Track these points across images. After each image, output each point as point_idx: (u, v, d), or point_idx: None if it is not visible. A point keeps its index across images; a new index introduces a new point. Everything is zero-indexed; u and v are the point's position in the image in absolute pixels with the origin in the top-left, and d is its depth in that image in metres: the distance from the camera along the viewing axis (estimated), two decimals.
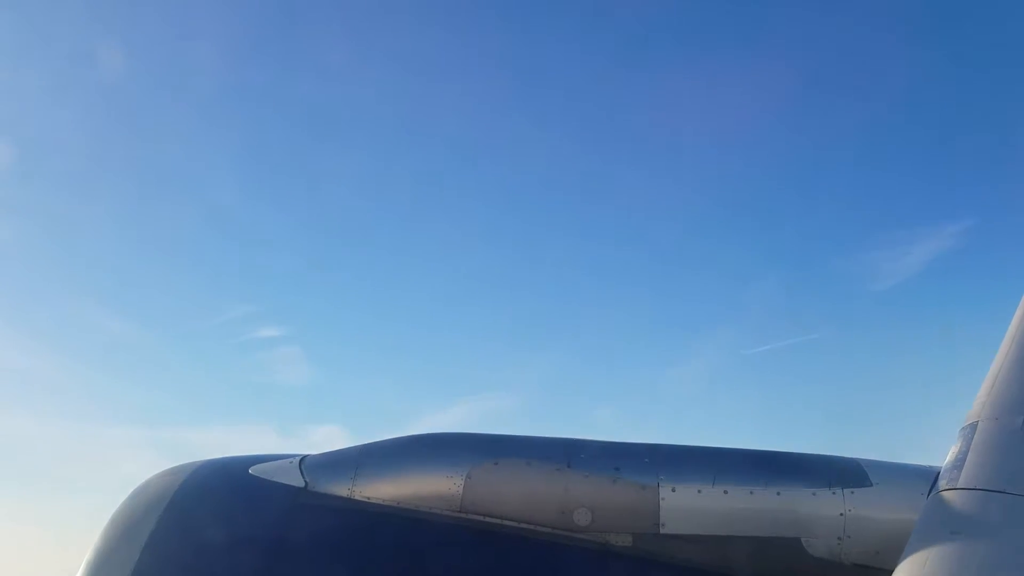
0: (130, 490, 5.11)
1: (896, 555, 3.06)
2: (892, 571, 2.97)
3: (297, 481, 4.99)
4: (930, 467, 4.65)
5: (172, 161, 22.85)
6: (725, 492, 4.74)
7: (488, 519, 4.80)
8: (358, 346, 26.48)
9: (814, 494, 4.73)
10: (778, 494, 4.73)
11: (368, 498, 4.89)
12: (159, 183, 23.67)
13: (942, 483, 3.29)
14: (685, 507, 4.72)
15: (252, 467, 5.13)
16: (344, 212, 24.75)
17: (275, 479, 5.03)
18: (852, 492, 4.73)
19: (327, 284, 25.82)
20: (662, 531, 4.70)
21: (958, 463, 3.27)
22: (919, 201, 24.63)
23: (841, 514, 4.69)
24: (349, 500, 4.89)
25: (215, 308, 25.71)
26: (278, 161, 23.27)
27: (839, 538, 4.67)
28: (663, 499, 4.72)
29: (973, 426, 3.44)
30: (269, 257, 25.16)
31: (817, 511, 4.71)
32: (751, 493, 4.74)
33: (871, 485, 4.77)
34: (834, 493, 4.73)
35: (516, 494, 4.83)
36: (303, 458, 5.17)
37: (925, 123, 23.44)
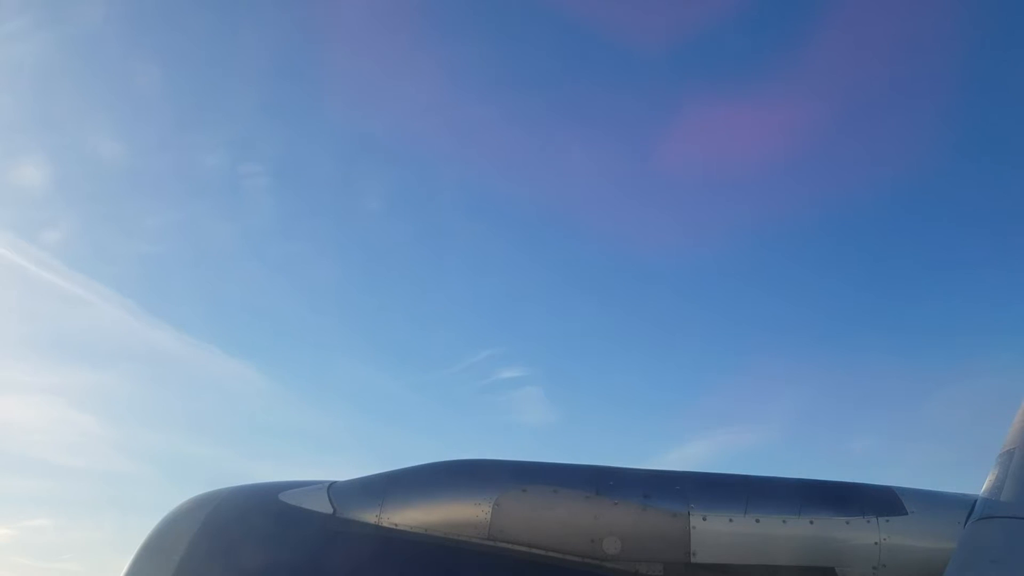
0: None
1: None
2: None
3: (326, 508, 5.02)
4: (966, 495, 4.56)
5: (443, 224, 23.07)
6: (757, 521, 4.67)
7: (516, 547, 4.78)
8: (600, 383, 26.36)
9: (848, 523, 4.65)
10: (811, 523, 4.66)
11: (396, 525, 4.89)
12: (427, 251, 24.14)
13: (980, 511, 3.23)
14: (717, 536, 4.66)
15: (282, 493, 5.17)
16: (584, 259, 24.56)
17: (304, 505, 5.07)
18: (887, 520, 4.65)
19: (565, 323, 25.80)
20: (693, 560, 4.64)
21: (995, 491, 3.22)
22: None
23: (876, 543, 4.60)
24: (377, 527, 4.90)
25: (460, 354, 26.23)
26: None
27: (875, 567, 4.58)
28: (694, 527, 4.67)
29: (1010, 453, 3.38)
30: (510, 301, 25.40)
31: (852, 540, 4.62)
32: (784, 522, 4.67)
33: (907, 513, 4.68)
34: (869, 521, 4.65)
35: (544, 521, 4.80)
36: (332, 484, 5.20)
37: None
